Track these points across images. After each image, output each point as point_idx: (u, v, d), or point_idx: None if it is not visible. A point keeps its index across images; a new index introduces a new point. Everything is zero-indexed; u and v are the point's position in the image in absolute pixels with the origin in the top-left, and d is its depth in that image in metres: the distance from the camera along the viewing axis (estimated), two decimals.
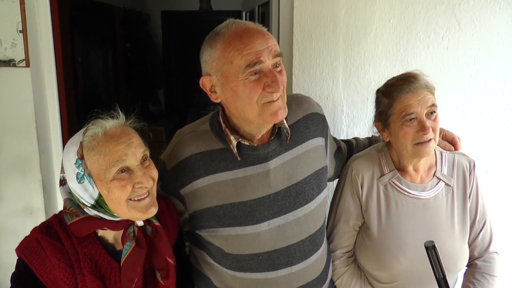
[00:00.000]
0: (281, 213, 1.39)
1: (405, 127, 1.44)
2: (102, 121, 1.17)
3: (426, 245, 1.19)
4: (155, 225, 1.25)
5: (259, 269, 1.40)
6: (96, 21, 4.45)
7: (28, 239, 1.17)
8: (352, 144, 1.78)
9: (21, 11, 2.06)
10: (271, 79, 1.23)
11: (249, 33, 1.24)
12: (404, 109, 1.43)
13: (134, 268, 1.17)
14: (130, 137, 1.17)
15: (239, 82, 1.24)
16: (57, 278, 1.14)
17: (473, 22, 2.02)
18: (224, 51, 1.25)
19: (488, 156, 2.15)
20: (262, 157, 1.37)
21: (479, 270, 1.60)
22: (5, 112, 2.15)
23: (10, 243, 2.21)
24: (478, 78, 2.07)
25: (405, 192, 1.54)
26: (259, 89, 1.24)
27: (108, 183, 1.13)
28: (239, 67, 1.23)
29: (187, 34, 5.50)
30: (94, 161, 1.13)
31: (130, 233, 1.20)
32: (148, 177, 1.17)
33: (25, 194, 2.23)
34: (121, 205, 1.15)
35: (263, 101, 1.25)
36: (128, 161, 1.14)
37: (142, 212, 1.18)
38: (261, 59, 1.22)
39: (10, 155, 2.19)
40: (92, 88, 4.33)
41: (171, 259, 1.26)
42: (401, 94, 1.44)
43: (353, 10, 2.01)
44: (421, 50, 2.05)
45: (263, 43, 1.24)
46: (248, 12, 3.44)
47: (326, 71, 2.06)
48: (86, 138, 1.15)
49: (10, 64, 2.10)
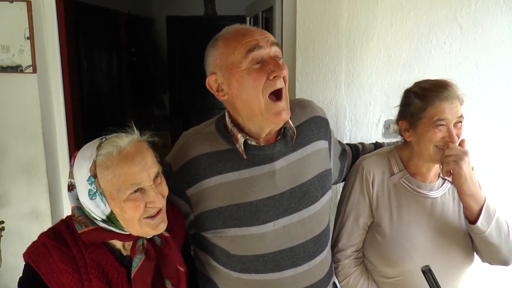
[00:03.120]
0: (286, 213, 1.39)
1: (436, 129, 1.46)
2: (117, 139, 1.14)
3: (422, 270, 1.21)
4: (164, 236, 1.25)
5: (264, 270, 1.40)
6: (102, 27, 4.48)
7: (35, 244, 1.17)
8: (359, 148, 1.79)
9: (28, 18, 2.09)
10: (273, 65, 1.28)
11: (247, 29, 1.35)
12: (437, 115, 1.46)
13: (145, 281, 1.18)
14: (144, 156, 1.15)
15: (244, 71, 1.29)
16: (65, 284, 1.13)
17: (475, 26, 2.03)
18: (225, 45, 1.32)
19: (491, 160, 2.15)
20: (268, 158, 1.38)
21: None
22: (12, 117, 2.18)
23: (16, 246, 2.23)
24: (481, 83, 2.08)
25: (415, 191, 1.57)
26: (263, 77, 1.28)
27: (122, 203, 1.12)
28: (241, 55, 1.29)
29: (191, 39, 5.52)
30: (108, 180, 1.11)
31: (139, 246, 1.20)
32: (160, 197, 1.17)
33: (31, 198, 2.25)
34: (134, 224, 1.15)
35: (268, 90, 1.29)
36: (143, 183, 1.13)
37: (153, 229, 1.18)
38: (260, 44, 1.29)
39: (17, 159, 2.22)
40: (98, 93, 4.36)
41: (181, 267, 1.26)
42: (438, 101, 1.46)
43: (355, 15, 2.02)
44: (423, 54, 2.06)
45: (260, 34, 1.32)
46: (252, 17, 3.46)
47: (329, 76, 2.07)
48: (100, 157, 1.12)
49: (17, 70, 2.13)
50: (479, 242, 1.52)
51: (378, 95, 2.10)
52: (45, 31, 2.19)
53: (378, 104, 2.11)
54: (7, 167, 2.22)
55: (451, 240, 1.55)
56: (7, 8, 2.08)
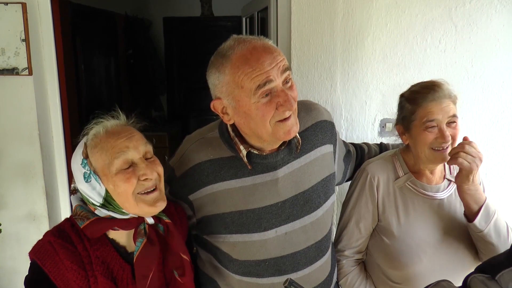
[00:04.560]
0: (288, 220, 1.39)
1: (426, 132, 1.47)
2: (104, 120, 1.21)
3: (285, 285, 1.17)
4: (166, 222, 1.25)
5: (266, 275, 1.41)
6: (98, 28, 4.47)
7: (41, 243, 1.18)
8: (364, 150, 1.78)
9: (23, 20, 2.09)
10: (283, 99, 1.22)
11: (256, 54, 1.22)
12: (426, 115, 1.46)
13: (146, 264, 1.17)
14: (131, 132, 1.20)
15: (252, 105, 1.22)
16: (70, 281, 1.14)
17: (469, 25, 2.04)
18: (233, 76, 1.22)
19: (487, 157, 2.13)
20: (271, 166, 1.37)
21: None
22: (8, 120, 2.18)
23: (13, 249, 2.23)
24: (476, 81, 2.09)
25: (421, 193, 1.57)
26: (272, 110, 1.23)
27: (113, 177, 1.14)
28: (250, 90, 1.21)
29: (189, 40, 5.52)
30: (98, 157, 1.16)
31: (141, 230, 1.21)
32: (152, 169, 1.18)
33: (28, 200, 2.25)
34: (129, 198, 1.16)
35: (276, 119, 1.25)
36: (130, 152, 1.16)
37: (150, 205, 1.18)
38: (270, 78, 1.20)
39: (14, 162, 2.22)
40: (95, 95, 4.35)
41: (185, 255, 1.26)
42: (425, 102, 1.47)
43: (350, 15, 2.03)
44: (419, 53, 2.06)
45: (271, 62, 1.21)
46: (248, 17, 3.47)
47: (324, 76, 2.08)
48: (89, 138, 1.19)
49: (13, 72, 2.13)
50: (478, 241, 1.52)
51: (373, 94, 2.10)
52: (40, 33, 2.20)
53: (374, 103, 2.11)
54: (4, 169, 2.22)
55: (459, 241, 1.55)
56: (2, 11, 2.08)
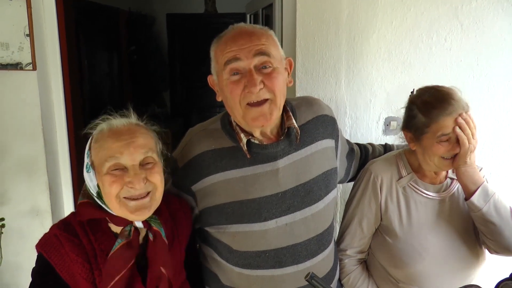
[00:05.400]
0: (289, 211, 1.40)
1: (439, 145, 1.46)
2: (112, 118, 1.22)
3: (306, 279, 1.18)
4: (154, 230, 1.23)
5: (266, 266, 1.41)
6: (102, 24, 4.47)
7: (47, 235, 1.20)
8: (368, 150, 1.78)
9: (28, 15, 2.08)
10: (247, 79, 1.28)
11: (237, 36, 1.31)
12: (441, 130, 1.45)
13: (117, 266, 1.15)
14: (133, 136, 1.18)
15: (224, 81, 1.32)
16: (75, 273, 1.16)
17: (475, 23, 2.02)
18: (214, 51, 1.35)
19: (492, 157, 2.15)
20: (271, 156, 1.39)
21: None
22: (12, 115, 2.18)
23: (16, 244, 2.23)
24: (481, 80, 2.08)
25: (423, 193, 1.57)
26: (239, 89, 1.29)
27: (102, 177, 1.16)
28: (220, 65, 1.31)
29: (192, 36, 5.52)
30: (96, 153, 1.18)
31: (125, 231, 1.19)
32: (141, 179, 1.15)
33: (32, 195, 2.25)
34: (112, 200, 1.16)
35: (245, 101, 1.30)
36: (122, 159, 1.15)
37: (130, 212, 1.17)
38: (237, 56, 1.28)
39: (17, 157, 2.22)
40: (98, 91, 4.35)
41: (165, 269, 1.22)
42: (441, 117, 1.45)
43: (355, 12, 2.02)
44: (424, 51, 2.05)
45: (245, 43, 1.29)
46: (252, 14, 3.45)
47: (329, 73, 2.07)
48: (95, 132, 1.21)
49: (17, 67, 2.13)
50: (479, 223, 1.51)
51: (378, 92, 2.09)
52: (44, 28, 2.19)
53: (379, 101, 2.10)
54: (7, 165, 2.22)
55: (461, 239, 1.55)
56: (6, 5, 2.07)
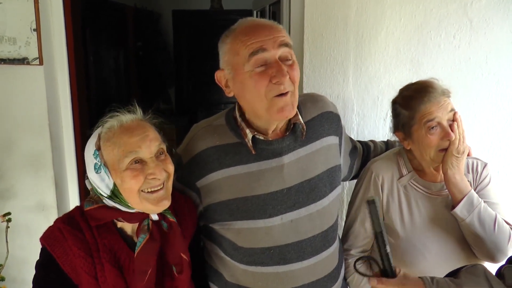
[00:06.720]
0: (294, 208, 1.39)
1: (429, 135, 1.46)
2: (120, 114, 1.22)
3: (367, 200, 1.29)
4: (170, 221, 1.27)
5: (270, 263, 1.41)
6: (108, 20, 4.48)
7: (51, 229, 1.21)
8: (370, 147, 1.78)
9: (35, 10, 2.09)
10: (276, 69, 1.25)
11: (256, 27, 1.29)
12: (425, 116, 1.46)
13: (147, 261, 1.19)
14: (145, 130, 1.21)
15: (246, 74, 1.27)
16: (78, 267, 1.17)
17: (485, 20, 2.00)
18: (231, 44, 1.30)
19: (500, 155, 2.13)
20: (276, 152, 1.38)
21: None
22: (18, 109, 2.18)
23: (23, 239, 2.24)
24: (490, 77, 2.06)
25: (424, 191, 1.57)
26: (265, 80, 1.25)
27: (122, 173, 1.17)
28: (244, 57, 1.26)
29: (198, 33, 5.52)
30: (109, 151, 1.18)
31: (144, 226, 1.23)
32: (161, 169, 1.19)
33: (38, 190, 2.25)
34: (134, 195, 1.18)
35: (272, 94, 1.26)
36: (141, 152, 1.17)
37: (153, 205, 1.20)
38: (264, 47, 1.25)
39: (23, 152, 2.22)
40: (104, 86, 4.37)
41: (185, 255, 1.28)
42: (422, 106, 1.46)
43: (364, 9, 2.00)
44: (432, 49, 2.04)
45: (268, 34, 1.27)
46: (259, 11, 3.44)
47: (337, 70, 2.06)
48: (103, 131, 1.20)
49: (24, 62, 2.13)
50: (464, 231, 1.52)
51: (386, 89, 2.08)
52: (51, 23, 2.19)
53: (386, 99, 2.09)
54: (14, 159, 2.23)
55: (462, 238, 1.54)
56: (14, 0, 2.07)
